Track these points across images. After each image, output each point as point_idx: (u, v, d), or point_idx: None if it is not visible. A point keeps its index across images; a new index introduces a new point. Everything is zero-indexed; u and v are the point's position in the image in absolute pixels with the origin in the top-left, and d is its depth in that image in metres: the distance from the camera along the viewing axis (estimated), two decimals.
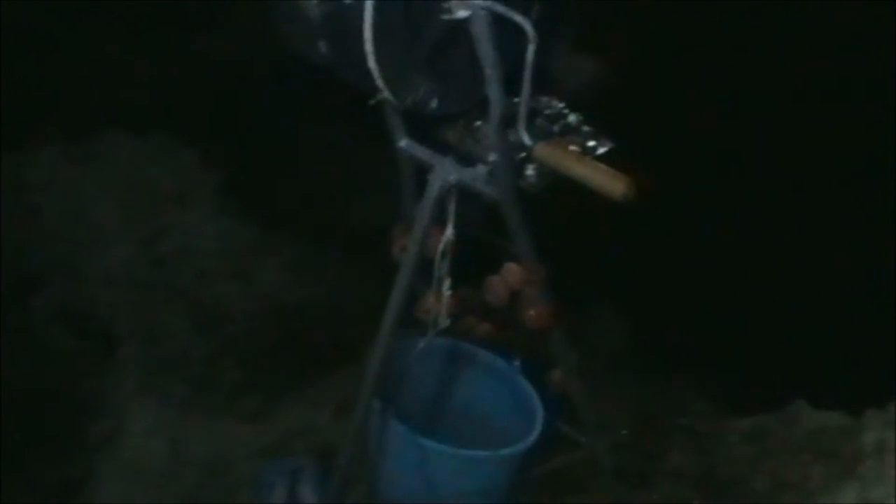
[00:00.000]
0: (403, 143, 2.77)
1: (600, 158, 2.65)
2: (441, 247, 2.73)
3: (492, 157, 2.58)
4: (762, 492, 3.48)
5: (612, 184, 2.45)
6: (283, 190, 4.26)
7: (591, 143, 2.71)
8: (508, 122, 2.54)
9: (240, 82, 4.27)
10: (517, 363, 3.20)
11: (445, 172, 2.65)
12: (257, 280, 4.10)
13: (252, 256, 4.14)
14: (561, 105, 2.77)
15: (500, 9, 2.33)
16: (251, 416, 3.67)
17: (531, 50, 2.38)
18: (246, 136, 4.22)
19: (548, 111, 2.74)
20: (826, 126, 4.11)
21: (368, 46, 2.28)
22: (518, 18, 2.34)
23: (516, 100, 2.54)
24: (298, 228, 4.19)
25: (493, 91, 2.43)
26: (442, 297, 2.81)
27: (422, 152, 2.75)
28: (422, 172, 2.74)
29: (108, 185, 4.17)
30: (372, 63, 2.31)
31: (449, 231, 2.72)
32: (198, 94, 4.27)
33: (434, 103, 2.49)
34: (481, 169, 2.62)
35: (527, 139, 2.55)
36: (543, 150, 2.57)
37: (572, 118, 2.76)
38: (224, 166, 4.26)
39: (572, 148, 2.67)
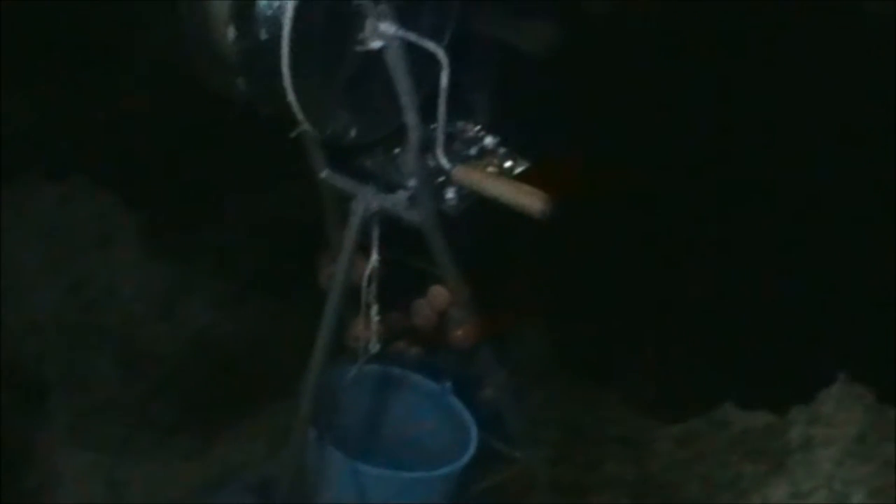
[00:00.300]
0: (325, 173, 2.81)
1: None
2: (367, 273, 2.77)
3: (412, 182, 2.63)
4: (696, 495, 3.56)
5: (530, 201, 2.51)
6: (206, 227, 4.26)
7: (508, 164, 2.79)
8: (426, 147, 2.60)
9: (155, 121, 4.26)
10: (448, 384, 3.24)
11: (367, 200, 2.69)
12: (185, 319, 4.09)
13: (178, 295, 4.13)
14: (477, 128, 2.84)
15: (413, 38, 2.40)
16: (187, 454, 3.67)
17: (445, 76, 2.44)
18: (166, 176, 4.20)
19: (464, 135, 2.81)
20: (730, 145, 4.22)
21: (287, 81, 2.32)
22: (431, 46, 2.40)
23: (433, 126, 2.60)
24: (223, 264, 4.19)
25: (410, 118, 2.49)
26: (371, 324, 2.85)
27: (343, 182, 2.78)
28: (344, 201, 2.78)
29: (29, 231, 4.13)
30: (291, 97, 2.35)
31: (374, 258, 2.76)
32: (114, 134, 4.25)
33: (353, 132, 2.54)
34: (402, 195, 2.66)
35: (445, 163, 2.61)
36: (462, 173, 2.63)
37: (489, 141, 2.83)
38: (146, 207, 4.24)
39: (490, 169, 2.74)
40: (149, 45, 4.18)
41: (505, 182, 2.62)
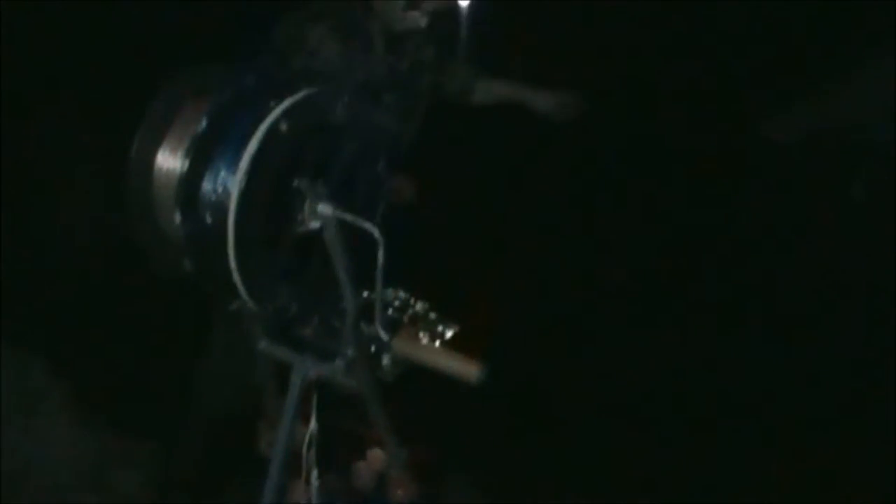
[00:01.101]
0: (263, 344, 2.88)
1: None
2: (307, 439, 2.84)
3: (349, 351, 2.72)
4: None
5: (466, 369, 2.64)
6: (134, 394, 4.26)
7: (440, 329, 2.90)
8: (362, 317, 2.71)
9: (84, 287, 4.29)
10: None
11: (305, 369, 2.78)
12: (114, 487, 4.06)
13: (107, 463, 4.11)
14: (407, 296, 2.96)
15: (349, 218, 2.52)
16: None
17: (381, 253, 2.56)
18: (93, 343, 4.22)
19: (396, 302, 2.93)
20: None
21: (232, 263, 2.41)
22: (367, 226, 2.53)
23: (366, 293, 2.70)
24: (153, 430, 4.19)
25: (348, 292, 2.60)
26: (311, 488, 2.91)
27: (281, 352, 2.85)
28: (282, 369, 2.85)
29: None
30: (236, 277, 2.44)
31: (313, 424, 2.84)
32: (41, 300, 4.26)
33: (294, 307, 2.63)
34: (339, 363, 2.75)
35: (384, 335, 2.71)
36: (400, 345, 2.74)
37: (419, 307, 2.94)
38: (73, 374, 4.24)
39: (422, 334, 2.85)
40: (83, 211, 4.23)
41: (441, 353, 2.74)
